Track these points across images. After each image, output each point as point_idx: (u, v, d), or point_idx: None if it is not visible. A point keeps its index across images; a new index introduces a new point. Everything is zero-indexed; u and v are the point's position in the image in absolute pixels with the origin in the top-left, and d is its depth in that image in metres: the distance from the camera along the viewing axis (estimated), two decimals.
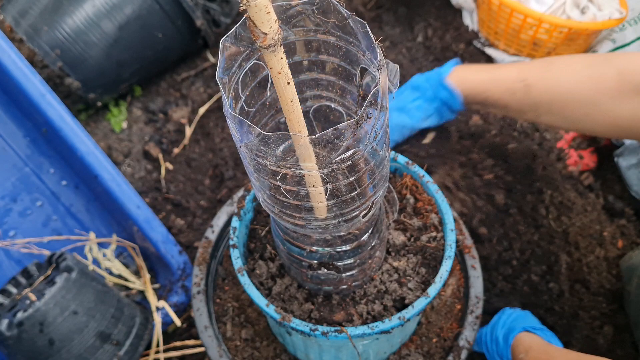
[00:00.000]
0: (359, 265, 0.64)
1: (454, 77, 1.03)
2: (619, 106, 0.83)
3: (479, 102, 1.02)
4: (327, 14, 0.46)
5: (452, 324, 0.85)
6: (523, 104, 0.95)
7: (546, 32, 1.23)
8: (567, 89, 0.88)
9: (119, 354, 0.86)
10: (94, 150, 1.01)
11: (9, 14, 1.20)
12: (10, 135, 1.07)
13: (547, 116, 0.93)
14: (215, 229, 0.93)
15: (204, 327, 0.84)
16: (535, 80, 0.92)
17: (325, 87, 0.55)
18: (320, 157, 0.45)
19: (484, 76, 1.00)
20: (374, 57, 0.45)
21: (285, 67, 0.40)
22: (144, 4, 1.24)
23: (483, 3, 1.32)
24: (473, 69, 1.04)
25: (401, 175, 0.80)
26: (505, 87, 0.96)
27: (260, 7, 0.36)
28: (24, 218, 1.07)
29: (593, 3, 1.27)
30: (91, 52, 1.22)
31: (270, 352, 0.83)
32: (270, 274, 0.72)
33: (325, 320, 0.68)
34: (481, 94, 1.00)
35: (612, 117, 0.85)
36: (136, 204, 1.02)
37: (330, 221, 0.54)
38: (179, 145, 1.32)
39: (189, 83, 1.44)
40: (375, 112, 0.43)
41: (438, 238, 0.72)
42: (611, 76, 0.84)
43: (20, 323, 0.79)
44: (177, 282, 1.03)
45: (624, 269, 1.02)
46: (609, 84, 0.84)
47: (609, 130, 0.89)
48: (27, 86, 0.97)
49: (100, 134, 1.36)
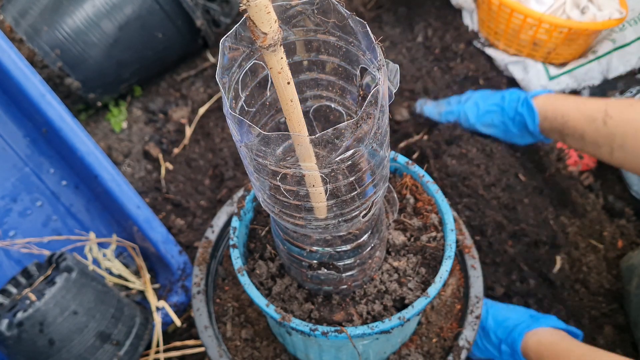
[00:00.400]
0: (359, 265, 0.64)
1: (539, 99, 1.06)
2: None
3: (556, 127, 1.03)
4: (327, 14, 0.46)
5: (452, 324, 0.85)
6: (599, 134, 0.95)
7: (546, 32, 1.23)
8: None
9: (119, 354, 0.86)
10: (94, 150, 1.01)
11: (9, 14, 1.20)
12: (10, 135, 1.07)
13: (620, 152, 0.93)
14: (215, 229, 0.93)
15: (204, 327, 0.84)
16: (616, 112, 0.93)
17: (325, 87, 0.55)
18: (320, 157, 0.45)
19: (568, 102, 1.02)
20: (374, 57, 0.45)
21: (285, 67, 0.40)
22: (144, 4, 1.24)
23: (483, 3, 1.32)
24: (560, 96, 1.07)
25: (401, 175, 0.80)
26: (586, 114, 0.97)
27: (260, 7, 0.36)
28: (24, 218, 1.07)
29: (593, 3, 1.27)
30: (91, 52, 1.22)
31: (270, 352, 0.83)
32: (270, 274, 0.72)
33: (325, 320, 0.68)
34: (560, 118, 1.01)
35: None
36: (136, 204, 1.02)
37: (330, 221, 0.54)
38: (179, 145, 1.32)
39: (189, 83, 1.44)
40: (375, 112, 0.43)
41: (438, 238, 0.72)
42: None
43: (20, 323, 0.79)
44: (177, 282, 1.03)
45: (624, 269, 1.02)
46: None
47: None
48: (27, 86, 0.97)
49: (100, 134, 1.36)
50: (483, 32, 1.38)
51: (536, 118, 1.05)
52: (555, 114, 1.02)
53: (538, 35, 1.24)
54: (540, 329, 0.88)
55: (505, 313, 0.94)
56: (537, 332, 0.88)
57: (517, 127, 1.10)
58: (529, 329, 0.88)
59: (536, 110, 1.05)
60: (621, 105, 0.94)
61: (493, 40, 1.35)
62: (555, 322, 0.90)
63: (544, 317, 0.91)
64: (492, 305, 0.97)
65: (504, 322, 0.92)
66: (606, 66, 1.25)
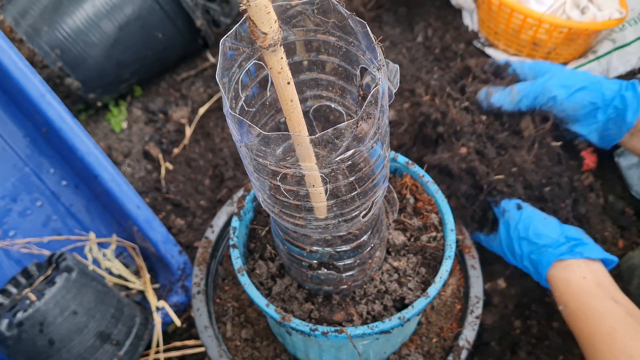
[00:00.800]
0: (359, 265, 0.64)
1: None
2: None
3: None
4: (327, 14, 0.46)
5: (452, 324, 0.85)
6: None
7: (546, 32, 1.23)
8: None
9: (119, 354, 0.86)
10: (94, 150, 1.01)
11: (9, 14, 1.20)
12: (10, 135, 1.07)
13: None
14: (215, 229, 0.93)
15: (204, 327, 0.84)
16: None
17: (325, 87, 0.55)
18: (320, 157, 0.45)
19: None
20: (374, 57, 0.45)
21: (285, 67, 0.40)
22: (144, 4, 1.24)
23: (483, 3, 1.32)
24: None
25: (401, 175, 0.80)
26: None
27: (260, 7, 0.36)
28: (24, 218, 1.07)
29: (593, 3, 1.27)
30: (91, 52, 1.22)
31: (270, 352, 0.83)
32: (270, 274, 0.72)
33: (325, 320, 0.68)
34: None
35: None
36: (136, 204, 1.02)
37: (330, 221, 0.54)
38: (179, 145, 1.32)
39: (189, 83, 1.44)
40: (375, 112, 0.43)
41: (438, 238, 0.72)
42: None
43: (20, 323, 0.79)
44: (177, 282, 1.04)
45: (624, 269, 1.02)
46: None
47: None
48: (27, 86, 0.97)
49: (100, 134, 1.36)
50: (483, 32, 1.38)
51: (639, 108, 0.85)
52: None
53: (538, 35, 1.24)
54: (572, 261, 0.78)
55: (540, 227, 0.82)
56: (568, 266, 0.78)
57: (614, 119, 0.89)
58: (560, 257, 0.78)
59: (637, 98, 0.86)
60: None
61: (493, 40, 1.35)
62: (592, 252, 0.79)
63: (580, 244, 0.80)
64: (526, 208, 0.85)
65: (534, 237, 0.82)
66: (606, 66, 1.25)
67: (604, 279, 0.77)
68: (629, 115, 0.87)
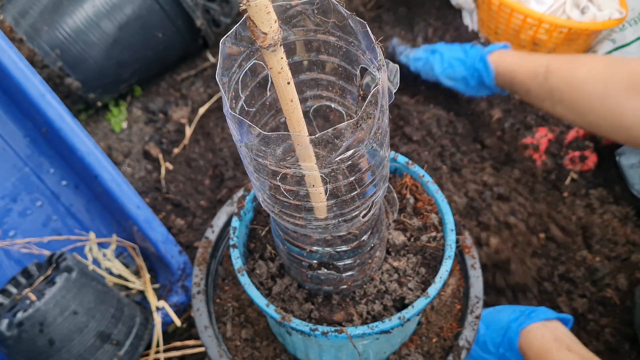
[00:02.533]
0: (359, 265, 0.64)
1: (494, 55, 1.12)
2: (624, 103, 0.85)
3: (507, 82, 1.09)
4: (327, 14, 0.46)
5: (452, 324, 0.85)
6: (542, 89, 0.99)
7: (546, 32, 1.23)
8: (580, 80, 0.92)
9: (119, 354, 0.86)
10: (94, 150, 1.01)
11: (9, 14, 1.20)
12: (10, 135, 1.07)
13: (560, 106, 0.97)
14: (215, 229, 0.93)
15: (204, 327, 0.84)
16: (555, 68, 0.97)
17: (325, 87, 0.55)
18: (320, 157, 0.45)
19: (516, 58, 1.08)
20: (374, 57, 0.45)
21: (285, 67, 0.40)
22: (144, 4, 1.24)
23: (483, 3, 1.32)
24: (511, 52, 1.13)
25: (401, 175, 0.80)
26: (530, 70, 1.02)
27: (260, 7, 0.36)
28: (24, 218, 1.07)
29: (593, 3, 1.27)
30: (91, 52, 1.22)
31: (270, 352, 0.83)
32: (270, 274, 0.72)
33: (325, 320, 0.68)
34: (509, 73, 1.07)
35: (616, 114, 0.87)
36: (136, 204, 1.02)
37: (330, 221, 0.54)
38: (179, 145, 1.32)
39: (189, 83, 1.44)
40: (375, 112, 0.43)
41: (438, 238, 0.72)
42: (623, 75, 0.86)
43: (20, 323, 0.79)
44: (177, 282, 1.03)
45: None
46: (619, 82, 0.86)
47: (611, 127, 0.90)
48: (27, 86, 0.97)
49: (100, 134, 1.36)
50: (483, 32, 1.38)
51: (491, 74, 1.11)
52: (505, 70, 1.08)
53: (538, 35, 1.24)
54: (532, 326, 0.86)
55: (495, 315, 0.92)
56: (530, 331, 0.86)
57: (475, 80, 1.16)
58: (523, 326, 0.87)
59: (491, 66, 1.10)
60: (561, 61, 0.98)
61: (493, 40, 1.35)
62: (546, 314, 0.88)
63: (534, 311, 0.89)
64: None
65: (495, 324, 0.91)
66: None
67: (560, 334, 0.84)
68: (486, 80, 1.12)
